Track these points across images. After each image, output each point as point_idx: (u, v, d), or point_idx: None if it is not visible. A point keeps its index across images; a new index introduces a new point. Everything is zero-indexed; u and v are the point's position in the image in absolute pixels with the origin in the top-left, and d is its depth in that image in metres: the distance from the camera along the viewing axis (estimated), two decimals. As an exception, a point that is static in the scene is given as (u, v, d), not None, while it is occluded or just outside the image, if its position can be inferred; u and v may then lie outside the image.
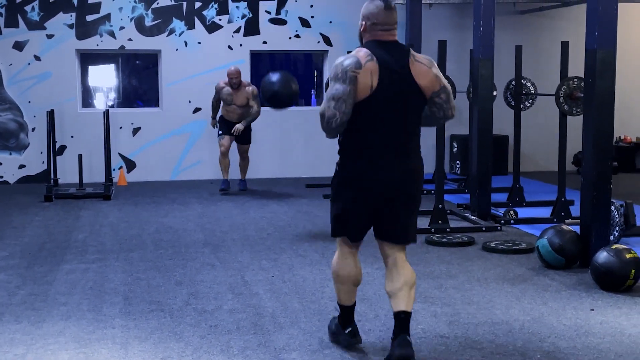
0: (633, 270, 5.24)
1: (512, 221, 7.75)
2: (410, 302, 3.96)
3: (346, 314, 4.24)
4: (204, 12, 11.02)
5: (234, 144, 9.92)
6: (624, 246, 5.45)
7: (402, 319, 3.95)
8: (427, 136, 10.38)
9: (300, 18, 11.24)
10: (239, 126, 9.60)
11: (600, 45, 5.76)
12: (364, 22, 3.95)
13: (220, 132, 9.79)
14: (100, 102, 11.78)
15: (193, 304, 5.10)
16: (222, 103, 9.72)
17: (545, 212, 8.16)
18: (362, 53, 3.83)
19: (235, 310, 4.96)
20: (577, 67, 8.41)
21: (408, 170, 3.94)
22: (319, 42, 11.34)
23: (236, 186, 10.12)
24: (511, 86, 8.85)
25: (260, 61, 11.93)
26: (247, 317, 4.82)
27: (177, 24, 10.98)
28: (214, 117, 9.85)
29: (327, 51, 11.41)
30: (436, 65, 3.97)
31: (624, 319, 4.73)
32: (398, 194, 3.94)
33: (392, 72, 3.82)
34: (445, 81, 3.97)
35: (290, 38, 11.26)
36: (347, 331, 4.24)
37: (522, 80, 8.73)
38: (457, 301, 5.13)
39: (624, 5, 10.76)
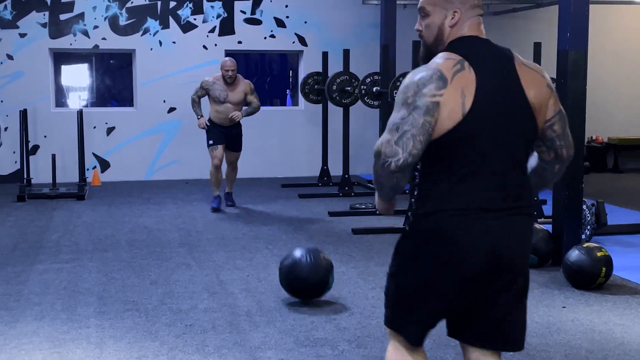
0: (604, 268, 5.32)
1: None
2: None
3: None
4: (179, 12, 10.99)
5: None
6: (595, 244, 5.53)
7: None
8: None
9: (275, 18, 11.25)
10: (237, 113, 8.39)
11: (572, 46, 5.84)
12: (458, 10, 2.54)
13: (211, 141, 8.46)
14: (74, 101, 11.70)
15: (168, 303, 5.09)
16: (211, 104, 8.48)
17: (518, 211, 8.23)
18: (447, 61, 2.48)
19: (211, 309, 4.96)
20: (550, 68, 8.50)
21: (521, 231, 2.57)
22: (294, 42, 11.36)
23: (201, 185, 9.85)
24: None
25: (236, 61, 11.90)
26: (223, 316, 4.83)
27: (152, 24, 10.94)
28: (202, 115, 8.48)
29: (302, 51, 11.42)
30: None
31: (595, 316, 4.80)
32: (505, 269, 2.54)
33: (495, 84, 2.50)
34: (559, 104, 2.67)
35: (265, 38, 11.27)
36: None
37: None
38: (431, 299, 5.17)
39: (595, 7, 10.92)
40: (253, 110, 8.56)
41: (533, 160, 2.73)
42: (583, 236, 6.38)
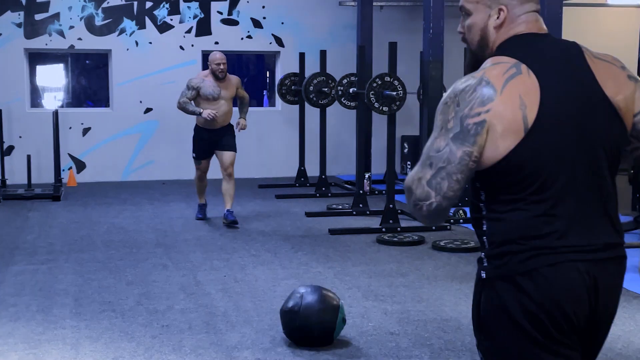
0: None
1: (461, 220, 7.89)
2: None
3: None
4: (155, 12, 10.96)
5: (214, 159, 7.87)
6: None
7: None
8: (379, 137, 10.57)
9: (252, 19, 11.26)
10: (244, 122, 7.86)
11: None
12: (504, 8, 2.05)
13: (195, 155, 7.83)
14: (49, 102, 11.62)
15: (145, 304, 5.09)
16: (201, 106, 7.61)
17: (493, 211, 8.30)
18: (497, 66, 1.97)
19: (188, 309, 4.97)
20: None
21: (616, 273, 2.05)
22: (271, 43, 11.37)
23: (179, 187, 9.71)
24: (460, 88, 8.98)
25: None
26: (199, 316, 4.83)
27: (128, 24, 10.90)
28: (201, 110, 7.55)
29: (279, 52, 11.44)
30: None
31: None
32: (598, 321, 2.04)
33: (564, 87, 1.98)
34: None
35: (242, 39, 11.27)
36: None
37: (471, 82, 8.87)
38: (407, 299, 5.22)
39: (568, 9, 11.04)
40: (248, 105, 8.07)
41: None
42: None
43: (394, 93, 7.43)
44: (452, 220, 7.81)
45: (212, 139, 7.71)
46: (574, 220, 1.96)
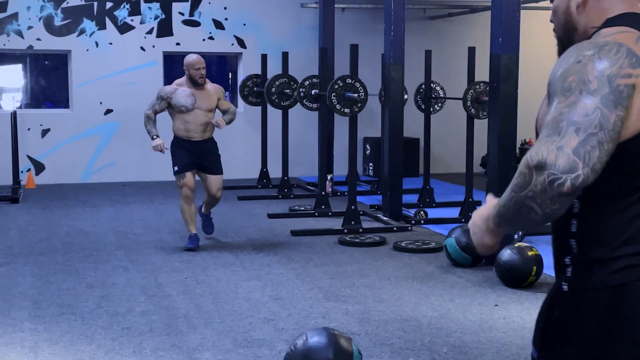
0: (534, 267, 5.48)
1: (422, 221, 7.96)
2: None
3: None
4: (116, 13, 10.87)
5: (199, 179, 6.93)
6: (526, 244, 5.68)
7: None
8: (342, 139, 10.60)
9: (214, 20, 11.22)
10: (220, 119, 6.81)
11: (504, 50, 5.99)
12: None
13: (177, 167, 6.68)
14: (7, 103, 11.45)
15: (105, 306, 5.06)
16: (174, 117, 6.70)
17: (454, 212, 8.39)
18: (623, 34, 1.70)
19: (148, 312, 4.95)
20: (482, 72, 8.69)
21: None
22: (233, 44, 11.35)
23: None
24: (421, 90, 9.07)
25: (174, 63, 11.84)
26: (160, 318, 4.82)
27: (88, 24, 10.80)
28: (157, 134, 6.68)
29: (241, 53, 11.42)
30: None
31: (526, 314, 4.94)
32: None
33: None
34: None
35: (204, 40, 11.23)
36: None
37: (432, 84, 8.97)
38: (368, 299, 5.26)
39: (526, 12, 11.18)
40: (234, 117, 7.05)
41: None
42: (515, 236, 6.54)
43: (356, 95, 7.48)
44: (413, 221, 7.87)
45: (195, 152, 6.70)
46: None
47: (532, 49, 12.09)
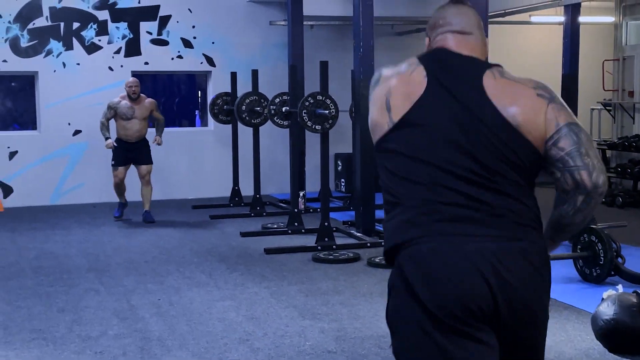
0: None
1: (395, 236, 7.94)
2: None
3: None
4: (83, 33, 10.79)
5: (132, 169, 9.23)
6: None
7: None
8: (313, 155, 10.59)
9: (182, 39, 11.18)
10: (159, 138, 9.32)
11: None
12: (427, 39, 2.50)
13: (113, 162, 9.10)
14: (-26, 125, 11.30)
15: (77, 330, 4.97)
16: (118, 122, 9.05)
17: (426, 226, 8.40)
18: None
19: (121, 335, 4.87)
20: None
21: None
22: (202, 62, 11.31)
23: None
24: (391, 105, 9.09)
25: (143, 82, 11.76)
26: (134, 341, 4.75)
27: (55, 45, 10.70)
28: (109, 137, 9.05)
29: (210, 72, 11.39)
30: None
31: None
32: None
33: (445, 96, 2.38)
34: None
35: (172, 59, 11.18)
36: None
37: (402, 100, 8.99)
38: (343, 316, 5.23)
39: (492, 27, 11.30)
40: (162, 127, 9.47)
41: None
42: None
43: (327, 112, 7.48)
44: (386, 237, 7.86)
45: (129, 151, 9.10)
46: None
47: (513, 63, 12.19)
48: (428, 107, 2.22)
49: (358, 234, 7.97)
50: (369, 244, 7.59)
